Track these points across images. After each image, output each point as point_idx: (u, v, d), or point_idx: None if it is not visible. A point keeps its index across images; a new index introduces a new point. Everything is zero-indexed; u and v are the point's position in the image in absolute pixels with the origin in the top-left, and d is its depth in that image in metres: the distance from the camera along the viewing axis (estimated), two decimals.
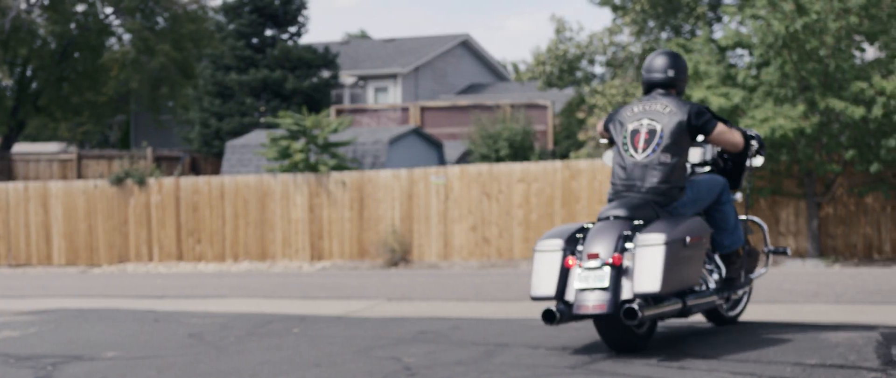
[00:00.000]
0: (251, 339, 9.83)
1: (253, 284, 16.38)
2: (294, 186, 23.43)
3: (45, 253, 25.73)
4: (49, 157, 39.22)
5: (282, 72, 36.72)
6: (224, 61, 37.70)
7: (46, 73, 41.86)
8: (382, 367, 8.04)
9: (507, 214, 21.28)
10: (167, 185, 24.65)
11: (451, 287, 14.49)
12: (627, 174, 8.45)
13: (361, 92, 42.76)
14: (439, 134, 32.97)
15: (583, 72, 28.09)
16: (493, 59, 49.61)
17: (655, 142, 8.40)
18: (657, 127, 8.41)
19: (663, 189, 8.36)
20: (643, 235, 7.87)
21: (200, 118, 37.37)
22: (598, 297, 7.81)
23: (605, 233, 8.02)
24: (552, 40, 28.05)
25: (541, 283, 8.15)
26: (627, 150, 8.49)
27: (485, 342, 9.02)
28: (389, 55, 44.90)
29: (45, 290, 16.65)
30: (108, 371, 8.41)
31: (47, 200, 25.63)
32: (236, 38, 37.80)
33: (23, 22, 38.58)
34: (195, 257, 24.29)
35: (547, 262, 8.13)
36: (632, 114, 8.57)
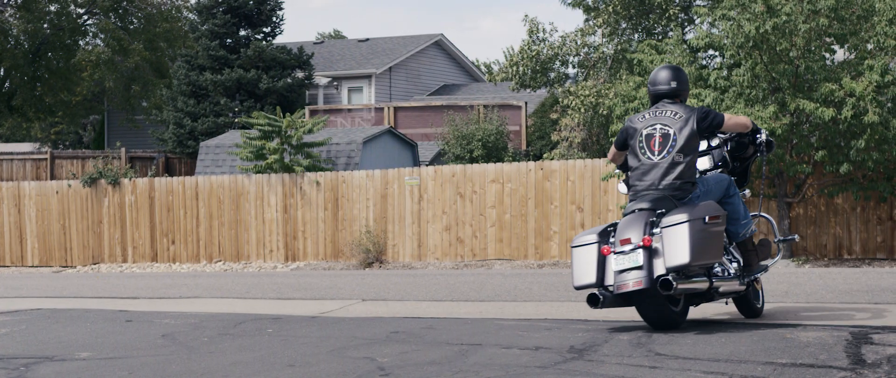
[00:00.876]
0: (224, 339, 9.82)
1: (227, 285, 16.36)
2: (268, 187, 23.41)
3: (18, 253, 25.63)
4: (22, 157, 39.02)
5: (256, 72, 36.69)
6: (198, 61, 37.64)
7: (19, 72, 41.66)
8: (356, 367, 8.05)
9: (481, 215, 21.33)
10: (141, 186, 24.59)
11: (425, 287, 14.52)
12: (645, 173, 9.49)
13: (335, 92, 42.73)
14: (413, 134, 33.01)
15: (556, 73, 28.17)
16: (467, 60, 49.64)
17: (669, 144, 9.42)
18: (670, 131, 9.45)
19: (678, 185, 9.37)
20: (667, 218, 9.04)
21: (174, 118, 37.28)
22: (636, 275, 8.93)
23: (634, 221, 9.18)
24: (525, 41, 28.12)
25: (582, 274, 9.27)
26: (644, 152, 9.52)
27: (458, 342, 9.04)
28: (363, 55, 44.88)
29: (18, 290, 16.60)
30: (80, 371, 8.40)
31: (21, 200, 25.52)
32: (210, 38, 37.75)
33: None
34: (169, 258, 24.24)
35: (585, 254, 9.27)
36: (644, 120, 9.61)
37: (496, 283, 14.60)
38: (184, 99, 37.31)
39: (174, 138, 37.08)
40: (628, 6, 26.08)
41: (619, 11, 26.21)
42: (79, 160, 37.00)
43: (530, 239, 20.91)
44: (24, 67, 41.45)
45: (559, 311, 11.10)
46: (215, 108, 36.62)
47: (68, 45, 42.34)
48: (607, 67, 27.32)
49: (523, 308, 11.60)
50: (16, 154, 40.00)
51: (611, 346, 8.48)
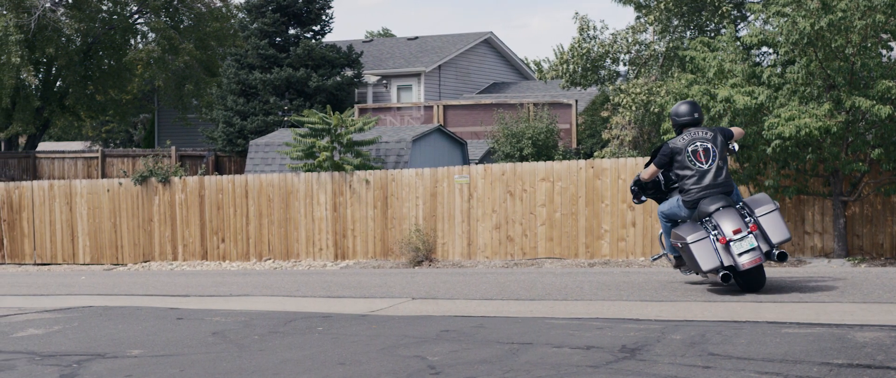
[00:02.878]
0: (274, 337, 9.81)
1: (277, 283, 16.37)
2: (318, 185, 23.42)
3: (70, 251, 25.81)
4: (74, 156, 39.36)
5: (305, 71, 36.75)
6: (248, 60, 37.76)
7: (71, 71, 41.97)
8: (406, 366, 8.02)
9: (531, 213, 21.22)
10: (191, 184, 24.68)
11: (475, 286, 14.44)
12: (702, 177, 12.34)
13: (385, 91, 42.75)
14: (463, 132, 32.93)
15: (606, 70, 27.93)
16: (517, 58, 49.52)
17: (712, 155, 12.40)
18: (709, 145, 12.41)
19: (725, 181, 12.41)
20: (759, 209, 12.17)
21: (224, 117, 37.43)
22: (754, 254, 11.81)
23: (733, 215, 12.00)
24: (575, 39, 27.94)
25: (708, 261, 11.88)
26: (693, 163, 12.38)
27: (509, 341, 8.99)
28: (412, 54, 44.86)
29: (70, 288, 16.69)
30: (131, 369, 8.42)
31: (72, 199, 25.70)
32: (260, 36, 37.86)
33: (48, 21, 38.72)
34: (219, 256, 24.31)
35: (702, 247, 11.93)
36: (684, 141, 12.48)
37: (546, 282, 14.51)
38: (233, 97, 37.44)
39: (224, 137, 37.23)
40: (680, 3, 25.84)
41: (671, 8, 25.95)
42: (129, 158, 37.26)
43: (581, 237, 20.77)
44: (76, 66, 41.75)
45: (610, 311, 11.01)
46: (265, 106, 36.73)
47: (119, 44, 42.62)
48: (659, 65, 27.05)
49: (574, 307, 11.51)
50: (67, 152, 40.36)
51: (663, 346, 8.40)
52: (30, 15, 38.15)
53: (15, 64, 37.03)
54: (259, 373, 8.01)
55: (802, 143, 17.30)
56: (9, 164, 40.14)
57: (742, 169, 18.27)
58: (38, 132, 44.38)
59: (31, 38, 38.51)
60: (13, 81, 37.91)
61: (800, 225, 18.97)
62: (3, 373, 8.49)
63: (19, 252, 26.21)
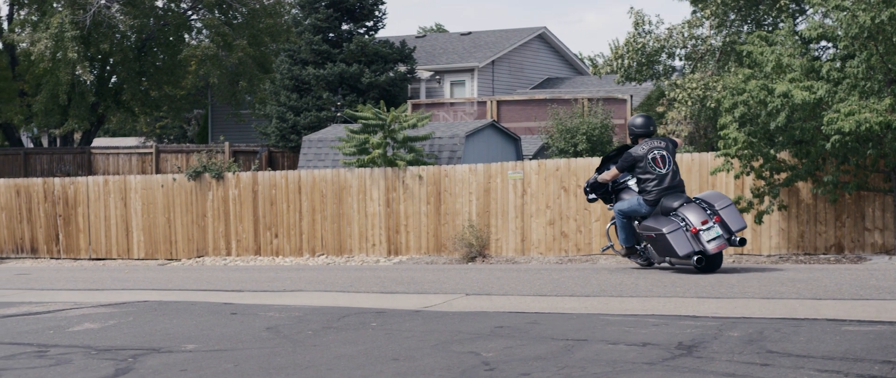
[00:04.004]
0: (328, 332, 9.80)
1: (330, 278, 16.36)
2: (371, 181, 23.41)
3: (124, 246, 25.97)
4: (128, 151, 39.67)
5: (358, 66, 36.79)
6: (301, 56, 37.86)
7: (126, 68, 42.32)
8: (461, 362, 7.98)
9: (586, 209, 21.08)
10: (245, 180, 24.76)
11: (529, 282, 14.36)
12: (659, 180, 14.80)
13: (437, 86, 42.73)
14: (516, 128, 32.81)
15: (662, 65, 27.74)
16: (571, 53, 49.35)
17: (667, 161, 14.88)
18: (664, 153, 14.92)
19: (680, 182, 14.98)
20: (719, 203, 14.65)
21: (277, 112, 37.55)
22: (719, 241, 14.32)
23: (697, 209, 14.49)
24: (631, 34, 27.75)
25: (684, 247, 14.18)
26: (653, 168, 14.80)
27: (563, 337, 8.93)
28: (466, 49, 44.81)
29: (125, 282, 16.78)
30: (186, 363, 8.43)
31: (127, 194, 25.87)
32: (313, 32, 37.95)
33: (103, 17, 39.04)
34: (273, 251, 24.37)
35: (678, 236, 14.21)
36: (644, 150, 14.90)
37: (601, 279, 14.40)
38: (286, 93, 37.56)
39: (277, 132, 37.36)
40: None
41: (727, 3, 25.72)
42: (183, 154, 37.49)
43: None
44: (130, 62, 42.08)
45: (666, 307, 10.90)
46: (318, 102, 36.80)
47: (174, 40, 42.93)
48: (715, 60, 26.83)
49: (629, 303, 11.41)
50: (122, 148, 40.70)
51: (721, 343, 8.32)
52: (85, 11, 38.48)
53: (71, 60, 37.37)
54: (313, 368, 8.00)
55: (862, 138, 17.04)
56: (64, 159, 40.53)
57: (801, 164, 18.04)
58: (93, 128, 44.78)
59: (86, 34, 38.85)
60: (69, 77, 38.27)
61: (859, 221, 18.72)
62: (60, 366, 8.54)
63: (75, 247, 26.42)
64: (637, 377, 7.26)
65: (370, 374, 7.70)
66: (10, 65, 42.04)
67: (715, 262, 14.44)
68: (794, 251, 19.22)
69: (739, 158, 18.25)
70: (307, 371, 7.91)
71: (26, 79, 41.21)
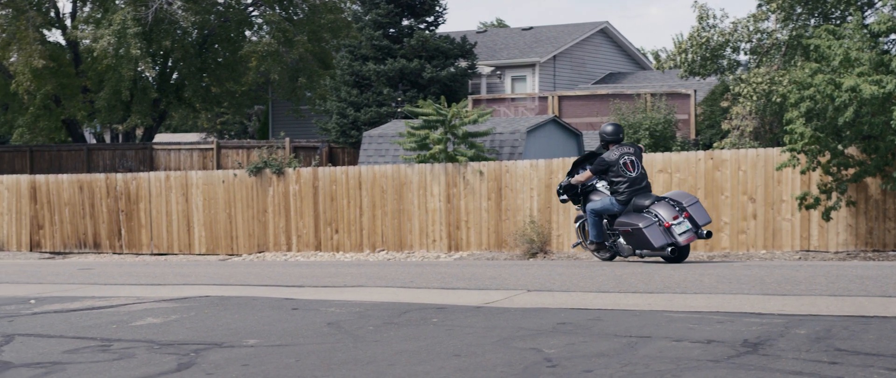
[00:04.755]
0: (389, 328, 9.77)
1: (390, 274, 16.34)
2: (431, 176, 23.37)
3: (186, 241, 26.12)
4: (189, 147, 39.96)
5: (419, 62, 36.76)
6: (361, 51, 37.90)
7: (187, 64, 42.64)
8: (522, 358, 7.94)
9: None
10: (305, 175, 24.81)
11: (591, 278, 14.24)
12: (631, 182, 16.55)
13: (498, 81, 42.63)
14: (578, 123, 32.64)
15: (726, 60, 27.48)
16: (633, 47, 49.06)
17: (636, 165, 16.65)
18: (633, 158, 16.67)
19: (647, 184, 16.75)
20: (686, 200, 16.34)
21: (338, 108, 37.63)
22: (689, 234, 16.17)
23: (668, 206, 16.22)
24: (694, 28, 27.51)
25: (660, 239, 16.01)
26: (624, 172, 16.55)
27: (627, 334, 8.87)
28: (527, 44, 44.68)
29: (186, 277, 16.85)
30: (248, 358, 8.43)
31: (188, 189, 26.02)
32: (373, 28, 37.96)
33: (165, 14, 39.34)
34: (333, 247, 24.40)
35: (653, 230, 15.98)
36: (615, 156, 16.62)
37: (664, 275, 14.25)
38: (347, 89, 37.62)
39: (337, 128, 37.43)
40: None
41: None
42: (244, 150, 37.70)
43: None
44: (192, 59, 42.40)
45: (731, 304, 10.76)
46: (378, 97, 36.83)
47: (234, 36, 43.18)
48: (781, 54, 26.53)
49: (693, 300, 11.28)
50: (183, 144, 41.01)
51: (787, 341, 8.21)
52: (147, 8, 38.81)
53: (133, 56, 37.70)
54: (374, 363, 7.97)
55: None
56: (126, 155, 40.92)
57: (869, 160, 17.76)
58: (155, 124, 45.17)
59: (148, 31, 39.19)
60: (132, 74, 38.62)
61: None
62: (124, 360, 8.58)
63: (137, 242, 26.62)
64: (702, 375, 7.16)
65: (431, 370, 7.66)
66: (74, 61, 42.49)
67: (684, 253, 16.34)
68: (861, 248, 18.95)
69: (806, 154, 18.02)
70: (368, 366, 7.88)
71: (89, 75, 41.64)
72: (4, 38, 40.74)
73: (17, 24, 39.87)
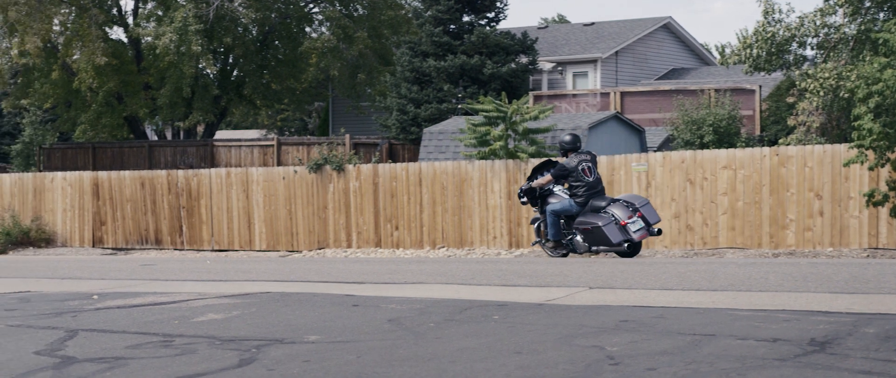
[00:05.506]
0: (450, 325, 9.72)
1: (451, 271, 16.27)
2: (492, 173, 23.29)
3: (246, 238, 26.23)
4: (250, 144, 40.17)
5: (479, 58, 36.69)
6: (422, 48, 37.90)
7: (248, 61, 42.84)
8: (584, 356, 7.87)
9: (712, 202, 20.71)
10: (365, 172, 24.83)
11: (654, 275, 14.08)
12: (589, 186, 18.11)
13: (560, 77, 42.45)
14: (640, 119, 32.40)
15: (792, 55, 27.17)
16: (697, 43, 48.66)
17: (592, 171, 18.21)
18: (590, 165, 18.23)
19: (602, 188, 18.32)
20: (638, 202, 17.81)
21: (398, 105, 37.66)
22: (642, 231, 17.69)
23: (623, 207, 17.70)
24: (760, 22, 27.21)
25: (615, 237, 17.49)
26: (582, 177, 18.09)
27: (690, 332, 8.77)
28: (588, 40, 44.48)
29: (247, 274, 16.89)
30: (309, 354, 8.41)
31: (249, 186, 26.12)
32: (434, 24, 37.95)
33: (226, 11, 39.56)
34: (393, 243, 24.40)
35: (611, 228, 17.45)
36: (575, 163, 18.11)
37: (729, 272, 14.08)
38: (407, 85, 37.64)
39: (397, 125, 37.46)
40: None
41: None
42: (304, 146, 37.82)
43: (764, 227, 20.19)
44: (252, 56, 42.59)
45: (797, 302, 10.60)
46: (438, 94, 36.81)
47: (295, 33, 43.32)
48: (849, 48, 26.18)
49: (758, 298, 11.12)
50: (244, 141, 41.24)
51: (855, 340, 8.08)
52: (208, 5, 39.04)
53: (194, 53, 37.95)
54: (435, 360, 7.93)
55: None
56: (188, 152, 41.21)
57: None
58: (216, 120, 45.43)
59: (209, 28, 39.43)
60: (193, 71, 38.88)
61: None
62: (185, 356, 8.59)
63: (198, 238, 26.78)
64: (768, 374, 7.04)
65: (493, 367, 7.60)
66: (135, 59, 42.87)
67: (637, 249, 17.95)
68: None
69: (874, 150, 17.75)
70: (429, 363, 7.84)
71: (151, 72, 41.98)
72: (68, 35, 41.18)
73: (80, 21, 40.28)
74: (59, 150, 44.54)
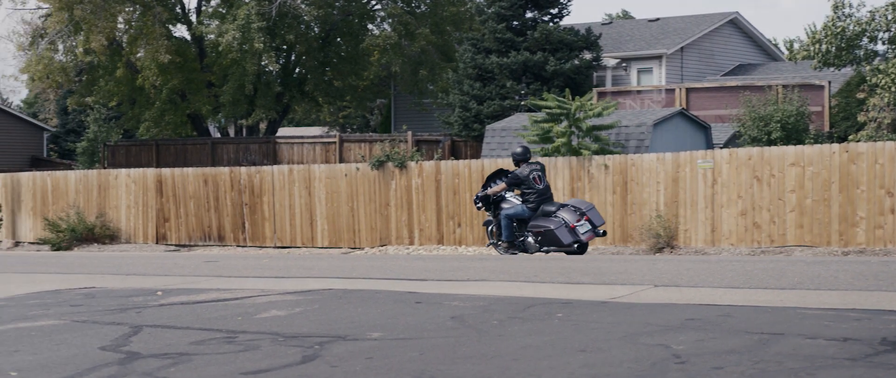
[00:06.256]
0: (513, 322, 9.68)
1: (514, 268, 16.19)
2: (555, 170, 23.16)
3: (308, 235, 26.29)
4: (312, 141, 40.29)
5: (542, 54, 36.53)
6: (484, 44, 37.80)
7: (310, 58, 42.97)
8: (650, 354, 7.83)
9: (779, 199, 20.45)
10: (427, 169, 24.79)
11: (720, 273, 13.93)
12: (539, 193, 19.87)
13: (624, 74, 42.19)
14: (706, 116, 32.08)
15: (863, 50, 26.77)
16: (764, 38, 48.17)
17: (542, 179, 20.00)
18: (540, 173, 20.05)
19: (550, 194, 20.13)
20: (584, 206, 19.60)
21: (460, 101, 37.59)
22: (590, 233, 19.46)
23: (571, 211, 19.46)
24: (829, 17, 26.86)
25: (566, 238, 19.23)
26: (533, 185, 19.86)
27: (758, 331, 8.69)
28: (653, 36, 44.17)
29: (310, 270, 16.92)
30: (372, 351, 8.40)
31: (311, 183, 26.17)
32: (497, 20, 37.84)
33: (288, 8, 39.71)
34: (455, 240, 24.34)
35: (562, 231, 19.23)
36: (526, 172, 19.90)
37: (797, 270, 13.88)
38: (469, 82, 37.56)
39: (459, 121, 37.40)
40: None
41: None
42: (366, 143, 37.86)
43: (833, 224, 19.91)
44: (314, 53, 42.71)
45: (868, 301, 10.45)
46: (501, 91, 36.70)
47: (357, 30, 43.37)
48: None
49: (828, 297, 10.97)
50: (306, 138, 41.37)
51: None
52: (271, 3, 39.21)
53: (257, 51, 38.12)
54: (499, 358, 7.88)
55: None
56: (250, 149, 41.42)
57: None
58: (278, 118, 45.62)
59: (271, 25, 39.58)
60: (255, 68, 39.06)
61: None
62: (249, 352, 8.62)
63: (260, 235, 26.89)
64: (838, 373, 6.94)
65: (557, 366, 7.54)
66: (198, 56, 43.16)
67: (584, 249, 19.58)
68: None
69: None
70: (493, 361, 7.79)
71: (213, 70, 42.23)
72: (132, 33, 41.55)
73: (144, 19, 40.62)
74: (123, 147, 44.96)
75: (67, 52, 42.16)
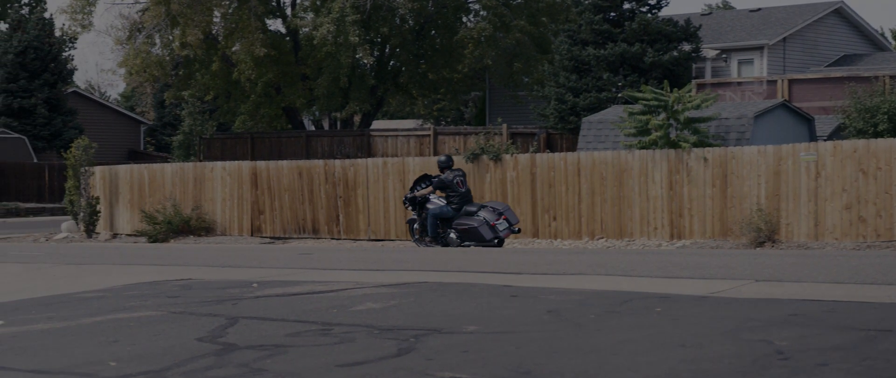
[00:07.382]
0: (610, 316, 9.55)
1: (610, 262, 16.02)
2: (652, 163, 22.88)
3: (402, 227, 26.27)
4: (406, 134, 40.36)
5: (640, 46, 36.17)
6: (581, 36, 37.52)
7: (404, 51, 43.02)
8: (751, 350, 7.69)
9: (886, 193, 19.98)
10: (523, 162, 24.64)
11: (824, 268, 13.63)
12: (461, 196, 22.05)
13: (724, 65, 41.62)
14: (809, 108, 31.46)
15: None
16: (871, 28, 47.16)
17: (463, 183, 22.25)
18: (462, 178, 22.29)
19: (471, 196, 22.44)
20: (501, 207, 22.05)
21: (556, 94, 37.37)
22: (507, 230, 21.73)
23: (490, 211, 21.72)
24: None
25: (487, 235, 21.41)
26: (456, 188, 22.03)
27: (864, 327, 8.49)
28: (754, 26, 43.50)
29: (404, 263, 16.91)
30: (468, 345, 8.35)
31: (405, 176, 26.13)
32: (594, 11, 37.54)
33: (383, 1, 39.80)
34: (551, 234, 24.17)
35: (484, 228, 21.46)
36: (450, 177, 22.09)
37: None
38: (565, 74, 37.31)
39: (555, 114, 37.17)
40: None
41: None
42: (461, 136, 37.83)
43: None
44: (408, 45, 42.75)
45: None
46: (597, 83, 36.40)
47: (451, 22, 43.33)
48: None
49: None
50: (400, 130, 41.45)
51: None
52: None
53: (352, 44, 38.27)
54: (596, 352, 7.77)
55: None
56: (344, 142, 41.64)
57: None
58: (373, 110, 45.75)
59: (366, 18, 39.72)
60: (350, 61, 39.22)
61: None
62: (344, 344, 8.62)
63: (354, 228, 26.93)
64: None
65: (656, 361, 7.41)
66: (293, 49, 43.46)
67: (502, 244, 21.74)
68: None
69: None
70: (590, 355, 7.68)
71: (308, 63, 42.50)
72: (228, 27, 41.97)
73: (239, 13, 41.02)
74: (219, 140, 45.45)
75: (164, 46, 42.75)
